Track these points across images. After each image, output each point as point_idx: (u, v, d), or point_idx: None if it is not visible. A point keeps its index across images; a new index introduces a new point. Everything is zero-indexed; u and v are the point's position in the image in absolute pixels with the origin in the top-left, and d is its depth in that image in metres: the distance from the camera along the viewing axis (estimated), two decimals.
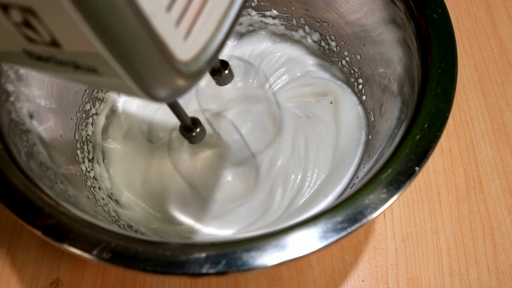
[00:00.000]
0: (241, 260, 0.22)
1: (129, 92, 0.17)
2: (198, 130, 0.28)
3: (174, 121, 0.41)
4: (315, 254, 0.23)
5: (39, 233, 0.23)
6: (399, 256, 0.38)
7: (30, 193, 0.25)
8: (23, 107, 0.31)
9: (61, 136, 0.34)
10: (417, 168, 0.25)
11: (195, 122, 0.28)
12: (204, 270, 0.22)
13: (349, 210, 0.24)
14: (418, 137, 0.26)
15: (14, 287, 0.37)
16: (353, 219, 0.24)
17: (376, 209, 0.24)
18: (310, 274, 0.37)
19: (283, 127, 0.41)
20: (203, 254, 0.22)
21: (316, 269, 0.37)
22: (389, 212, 0.40)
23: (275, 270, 0.37)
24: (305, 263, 0.38)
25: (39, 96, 0.33)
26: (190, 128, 0.28)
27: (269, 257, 0.22)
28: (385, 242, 0.39)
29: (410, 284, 0.37)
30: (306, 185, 0.38)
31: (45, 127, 0.32)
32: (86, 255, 0.22)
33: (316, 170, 0.39)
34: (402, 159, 0.25)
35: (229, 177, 0.39)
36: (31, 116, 0.31)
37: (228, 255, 0.22)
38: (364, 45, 0.38)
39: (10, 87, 0.30)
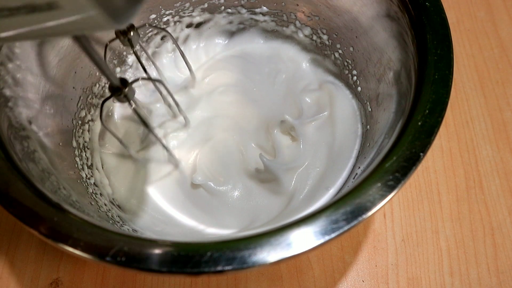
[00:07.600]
0: (240, 258, 0.22)
1: (85, 24, 0.17)
2: (126, 89, 0.29)
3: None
4: (316, 250, 0.23)
5: (50, 240, 0.23)
6: (399, 256, 0.38)
7: (30, 197, 0.25)
8: (22, 112, 0.30)
9: (59, 144, 0.34)
10: (421, 154, 0.25)
11: (124, 82, 0.29)
12: (203, 269, 0.22)
13: (356, 200, 0.24)
14: (420, 123, 0.26)
15: (14, 287, 0.37)
16: (362, 207, 0.24)
17: (384, 196, 0.24)
18: (310, 274, 0.37)
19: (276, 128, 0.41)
20: (202, 253, 0.22)
21: (316, 269, 0.37)
22: (389, 212, 0.40)
23: (275, 269, 0.37)
24: (305, 263, 0.38)
25: (36, 102, 0.32)
26: (119, 88, 0.29)
27: (268, 255, 0.22)
28: (385, 242, 0.39)
29: (410, 284, 0.37)
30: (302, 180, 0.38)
31: (45, 132, 0.32)
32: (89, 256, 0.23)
33: (307, 164, 0.39)
34: (406, 146, 0.25)
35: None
36: (30, 122, 0.31)
37: (228, 253, 0.22)
38: (356, 37, 0.38)
39: (8, 92, 0.29)
